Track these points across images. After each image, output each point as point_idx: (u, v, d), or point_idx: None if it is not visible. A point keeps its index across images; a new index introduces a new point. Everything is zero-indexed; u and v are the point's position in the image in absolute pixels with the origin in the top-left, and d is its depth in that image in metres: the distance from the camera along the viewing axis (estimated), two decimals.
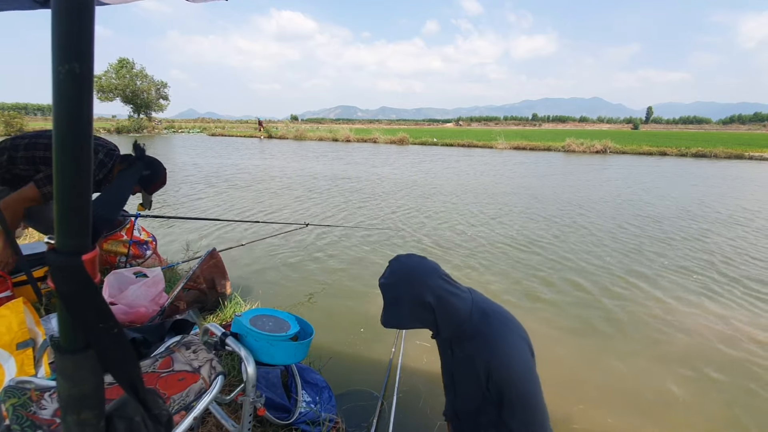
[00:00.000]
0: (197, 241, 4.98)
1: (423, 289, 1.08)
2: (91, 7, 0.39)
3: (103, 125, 39.60)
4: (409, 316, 1.09)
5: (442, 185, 9.88)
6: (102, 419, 0.51)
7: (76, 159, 0.40)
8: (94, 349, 0.46)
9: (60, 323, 0.46)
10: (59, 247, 0.42)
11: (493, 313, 1.13)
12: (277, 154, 18.46)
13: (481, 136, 31.39)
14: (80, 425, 0.48)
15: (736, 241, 5.42)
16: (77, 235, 0.42)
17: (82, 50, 0.38)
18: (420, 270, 1.11)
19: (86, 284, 0.43)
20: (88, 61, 0.39)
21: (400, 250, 4.79)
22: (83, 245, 0.43)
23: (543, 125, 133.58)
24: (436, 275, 1.11)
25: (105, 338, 0.46)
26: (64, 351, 0.45)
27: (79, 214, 0.42)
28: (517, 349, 1.08)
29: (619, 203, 7.95)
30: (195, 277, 2.54)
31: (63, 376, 0.46)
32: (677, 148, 21.22)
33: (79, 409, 0.47)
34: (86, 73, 0.39)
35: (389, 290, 1.11)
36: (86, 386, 0.47)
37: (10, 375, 1.46)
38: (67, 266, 0.42)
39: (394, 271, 1.12)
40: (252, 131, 36.75)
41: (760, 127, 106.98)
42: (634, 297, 3.64)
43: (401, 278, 1.10)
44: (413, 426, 2.10)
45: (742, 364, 2.69)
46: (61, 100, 0.39)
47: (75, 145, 0.40)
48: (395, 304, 1.09)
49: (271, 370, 1.93)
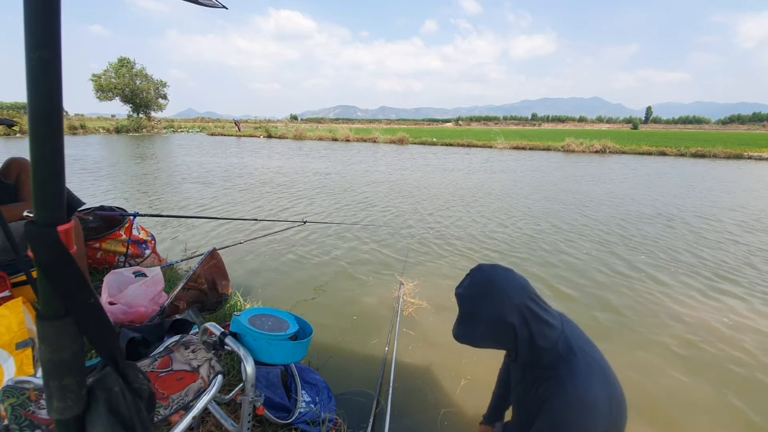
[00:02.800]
0: (196, 239, 4.98)
1: (507, 307, 0.96)
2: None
3: (103, 125, 39.53)
4: (487, 335, 0.98)
5: (442, 184, 9.90)
6: (83, 387, 0.54)
7: (49, 139, 0.45)
8: (73, 317, 0.49)
9: (40, 291, 0.49)
10: (37, 220, 0.46)
11: (579, 351, 0.98)
12: (275, 154, 18.45)
13: (480, 135, 31.41)
14: (62, 390, 0.51)
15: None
16: (53, 208, 0.46)
17: (50, 38, 0.43)
18: (505, 285, 0.98)
19: (62, 253, 0.47)
20: (55, 48, 0.43)
21: (399, 249, 4.80)
22: (59, 217, 0.47)
23: (542, 125, 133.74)
24: (523, 293, 0.98)
25: (82, 306, 0.50)
26: (44, 318, 0.49)
27: (54, 189, 0.46)
28: (587, 403, 0.93)
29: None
30: (195, 276, 2.54)
31: (44, 342, 0.49)
32: (676, 148, 21.24)
33: (60, 375, 0.50)
34: (54, 59, 0.43)
35: (467, 303, 1.00)
36: (66, 352, 0.50)
37: (9, 375, 1.47)
38: (44, 236, 0.46)
39: (475, 282, 1.00)
40: (252, 131, 36.97)
41: (759, 127, 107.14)
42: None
43: (482, 291, 0.98)
44: (410, 421, 2.10)
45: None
46: (33, 84, 0.43)
47: (47, 125, 0.44)
48: (472, 319, 0.98)
49: (271, 370, 1.93)
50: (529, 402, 1.05)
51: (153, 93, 45.45)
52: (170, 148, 20.40)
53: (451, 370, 2.53)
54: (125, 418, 0.56)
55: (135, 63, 44.05)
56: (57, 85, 0.44)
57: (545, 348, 0.99)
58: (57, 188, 0.46)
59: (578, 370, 0.95)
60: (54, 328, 0.49)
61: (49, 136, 0.45)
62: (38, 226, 0.46)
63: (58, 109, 0.44)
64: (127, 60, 43.72)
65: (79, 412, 0.53)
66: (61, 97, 0.44)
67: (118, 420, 0.55)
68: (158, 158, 15.47)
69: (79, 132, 32.66)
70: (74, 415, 0.53)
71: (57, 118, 0.44)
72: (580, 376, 0.94)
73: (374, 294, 3.61)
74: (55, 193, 0.46)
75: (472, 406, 2.20)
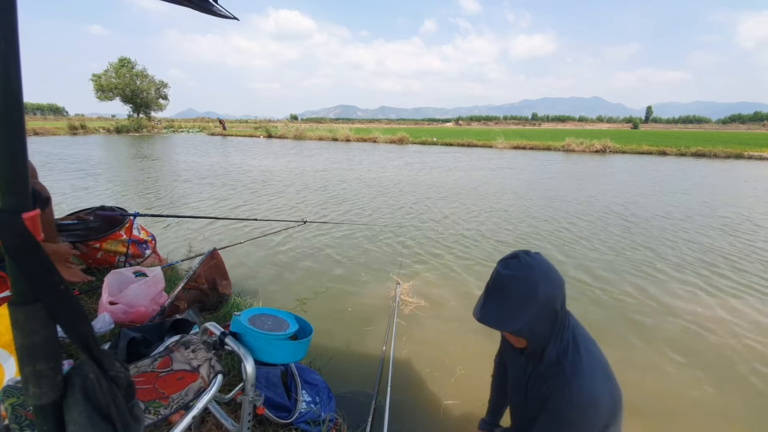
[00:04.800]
0: (196, 239, 4.98)
1: (558, 293, 0.96)
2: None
3: (103, 125, 39.50)
4: (536, 318, 0.94)
5: (446, 183, 9.89)
6: (59, 374, 0.54)
7: (10, 127, 0.46)
8: (43, 303, 0.51)
9: (11, 278, 0.50)
10: (2, 207, 0.48)
11: (584, 348, 0.99)
12: (275, 154, 18.45)
13: (480, 135, 31.39)
14: (36, 376, 0.52)
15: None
16: (17, 195, 0.48)
17: (6, 30, 0.45)
18: (557, 273, 0.97)
19: (28, 240, 0.48)
20: (11, 38, 0.45)
21: (399, 247, 4.80)
22: (24, 204, 0.48)
23: (542, 125, 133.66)
24: (564, 284, 0.98)
25: (51, 292, 0.51)
26: (14, 303, 0.50)
27: (19, 177, 0.48)
28: (591, 400, 0.94)
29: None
30: (196, 276, 2.54)
31: (15, 327, 0.51)
32: (677, 148, 21.22)
33: (33, 360, 0.52)
34: (10, 49, 0.45)
35: (520, 285, 0.93)
36: (37, 337, 0.51)
37: (10, 374, 1.47)
38: (10, 223, 0.47)
39: (528, 266, 0.94)
40: (252, 131, 37.02)
41: (759, 127, 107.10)
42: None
43: (542, 273, 0.94)
44: (409, 417, 2.12)
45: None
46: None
47: (10, 117, 0.46)
48: (525, 300, 0.93)
49: (271, 370, 1.93)
50: (532, 398, 1.05)
51: (153, 93, 45.46)
52: (170, 148, 20.40)
53: (447, 365, 2.57)
54: (101, 404, 0.57)
55: (136, 63, 44.10)
56: (15, 74, 0.45)
57: (558, 343, 0.99)
58: (20, 175, 0.48)
59: (582, 368, 0.96)
60: (24, 313, 0.50)
61: (12, 126, 0.46)
62: (3, 213, 0.47)
63: (18, 100, 0.46)
64: (127, 60, 43.72)
65: (55, 398, 0.54)
66: (20, 86, 0.46)
67: (93, 406, 0.56)
68: (158, 158, 15.48)
69: (79, 132, 32.66)
70: (50, 401, 0.54)
71: (18, 108, 0.46)
72: (585, 374, 0.95)
73: (373, 293, 3.62)
74: (18, 180, 0.48)
75: (468, 399, 2.23)
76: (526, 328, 0.95)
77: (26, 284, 0.50)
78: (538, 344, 1.00)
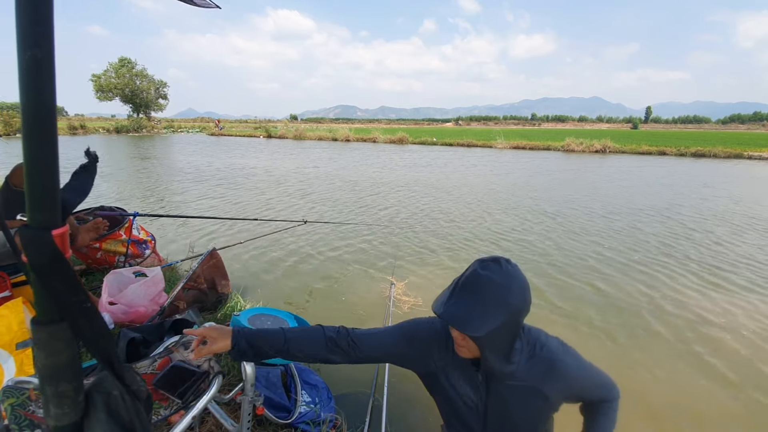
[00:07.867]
0: (196, 239, 4.98)
1: (525, 310, 0.93)
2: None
3: (103, 125, 39.52)
4: (498, 328, 0.89)
5: (447, 183, 9.90)
6: (81, 393, 0.52)
7: (44, 140, 0.43)
8: (68, 322, 0.48)
9: (35, 296, 0.48)
10: (31, 223, 0.45)
11: (546, 341, 1.03)
12: (275, 154, 18.45)
13: (480, 135, 31.39)
14: (58, 397, 0.49)
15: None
16: (47, 210, 0.45)
17: (43, 37, 0.42)
18: (529, 290, 0.95)
19: (57, 257, 0.45)
20: (48, 47, 0.42)
21: (395, 248, 4.80)
22: (53, 221, 0.45)
23: (542, 125, 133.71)
24: (530, 304, 0.97)
25: (77, 311, 0.48)
26: (38, 322, 0.47)
27: (49, 192, 0.45)
28: (573, 351, 1.03)
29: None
30: (195, 276, 2.54)
31: (38, 347, 0.48)
32: (676, 148, 21.23)
33: (56, 381, 0.49)
34: (47, 58, 0.42)
35: (494, 289, 0.89)
36: (61, 357, 0.48)
37: (10, 375, 1.47)
38: (38, 240, 0.44)
39: (508, 273, 0.90)
40: (251, 131, 37.03)
41: (759, 127, 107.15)
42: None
43: (515, 285, 0.90)
44: (407, 414, 2.14)
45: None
46: (26, 84, 0.42)
47: (41, 127, 0.43)
48: (496, 307, 0.88)
49: (271, 370, 1.93)
50: (516, 400, 1.01)
51: (153, 93, 45.46)
52: (170, 149, 20.40)
53: None
54: (125, 421, 0.55)
55: (135, 63, 44.10)
56: (50, 84, 0.43)
57: (522, 344, 0.99)
58: (51, 190, 0.45)
59: (550, 344, 1.01)
60: (48, 333, 0.47)
61: (43, 136, 0.43)
62: (32, 230, 0.44)
63: (51, 109, 0.43)
64: (127, 60, 43.74)
65: (77, 418, 0.52)
66: (54, 96, 0.43)
67: (117, 423, 0.54)
68: (158, 158, 15.47)
69: (79, 132, 32.67)
70: (72, 422, 0.52)
71: (50, 118, 0.43)
72: (552, 341, 1.02)
73: (371, 292, 3.62)
74: (49, 196, 0.45)
75: None
76: (488, 336, 0.88)
77: (52, 303, 0.47)
78: (493, 356, 0.94)
